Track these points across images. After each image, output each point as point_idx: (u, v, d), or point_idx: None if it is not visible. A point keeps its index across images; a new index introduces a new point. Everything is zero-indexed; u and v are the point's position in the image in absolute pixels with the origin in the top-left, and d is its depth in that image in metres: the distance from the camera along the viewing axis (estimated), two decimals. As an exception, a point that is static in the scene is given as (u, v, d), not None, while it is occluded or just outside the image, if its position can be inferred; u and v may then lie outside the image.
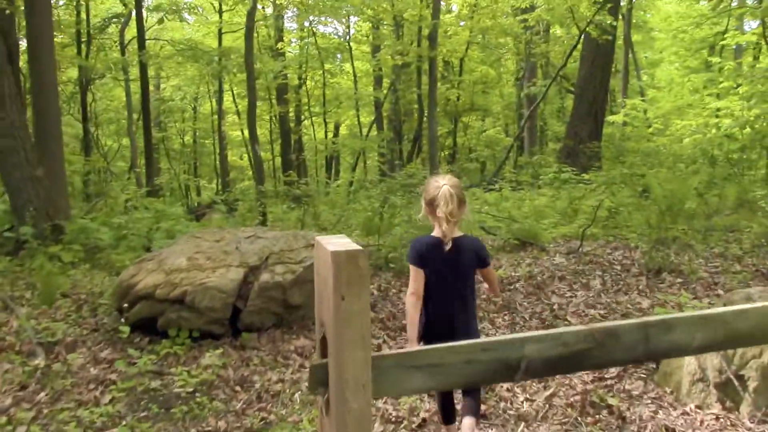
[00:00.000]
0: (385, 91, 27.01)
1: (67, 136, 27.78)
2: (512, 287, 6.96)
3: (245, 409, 4.39)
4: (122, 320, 5.56)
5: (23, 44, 20.06)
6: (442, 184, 3.40)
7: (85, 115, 21.69)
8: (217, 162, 31.70)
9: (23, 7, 9.15)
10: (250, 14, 13.36)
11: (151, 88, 34.52)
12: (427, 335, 3.48)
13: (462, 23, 25.92)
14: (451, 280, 3.45)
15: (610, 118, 21.78)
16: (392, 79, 25.73)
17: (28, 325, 5.63)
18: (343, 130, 35.40)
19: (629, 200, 10.89)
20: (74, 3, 21.45)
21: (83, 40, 21.47)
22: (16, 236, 8.03)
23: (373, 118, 28.96)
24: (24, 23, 9.13)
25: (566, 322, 5.85)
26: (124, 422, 4.21)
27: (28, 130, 8.45)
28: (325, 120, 31.40)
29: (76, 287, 6.94)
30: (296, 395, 4.59)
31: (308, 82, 31.01)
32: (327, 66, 30.10)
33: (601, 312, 6.10)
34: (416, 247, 3.49)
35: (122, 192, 12.40)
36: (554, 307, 6.31)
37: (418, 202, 3.64)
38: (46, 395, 4.60)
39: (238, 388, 4.69)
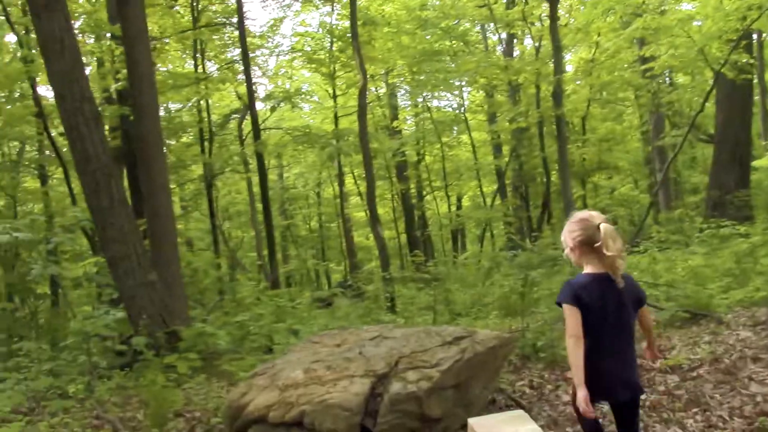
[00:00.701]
0: (506, 159, 26.09)
1: (199, 231, 28.51)
2: (695, 375, 5.71)
3: None
4: (236, 447, 4.79)
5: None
6: (598, 221, 3.38)
7: (211, 211, 21.90)
8: (343, 245, 31.48)
9: (131, 111, 8.97)
10: (362, 92, 12.94)
11: (274, 177, 35.34)
12: (600, 387, 3.33)
13: (578, 81, 24.90)
14: (623, 320, 3.40)
15: (755, 163, 19.93)
16: (513, 144, 24.80)
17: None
18: (465, 202, 34.65)
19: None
20: (197, 104, 21.98)
21: (206, 137, 21.85)
22: (131, 348, 7.52)
23: (496, 187, 28.03)
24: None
25: (778, 420, 4.58)
26: None
27: (140, 234, 8.03)
28: (447, 193, 30.72)
29: (191, 403, 6.26)
30: None
31: (427, 157, 30.63)
32: (444, 139, 29.62)
33: (824, 404, 4.79)
34: (569, 286, 3.42)
35: (245, 287, 11.90)
36: (757, 399, 5.03)
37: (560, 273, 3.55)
38: None
39: None
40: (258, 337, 8.84)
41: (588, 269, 3.43)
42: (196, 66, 21.30)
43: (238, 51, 20.52)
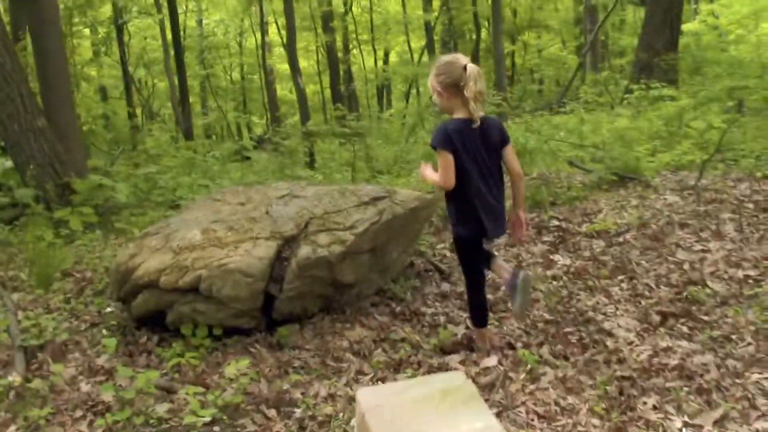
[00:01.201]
0: (436, 13, 25.07)
1: (113, 79, 26.86)
2: (622, 240, 5.45)
3: (282, 452, 3.09)
4: (124, 313, 4.31)
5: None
6: (464, 62, 3.42)
7: (123, 57, 20.47)
8: (265, 98, 30.30)
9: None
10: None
11: (192, 24, 33.29)
12: (472, 222, 3.52)
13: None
14: (487, 159, 3.50)
15: (684, 26, 19.61)
16: (443, -1, 23.80)
17: (8, 322, 4.40)
18: (393, 57, 33.67)
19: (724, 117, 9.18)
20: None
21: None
22: (17, 200, 6.82)
23: (424, 42, 27.12)
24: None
25: (707, 290, 4.36)
26: (113, 477, 2.95)
27: (24, 74, 7.11)
28: (374, 47, 29.68)
29: (82, 262, 5.69)
30: (353, 421, 3.27)
31: (354, 8, 29.21)
32: (373, -10, 28.23)
33: (752, 273, 4.58)
34: (443, 131, 3.46)
35: (155, 138, 11.11)
36: (684, 266, 4.80)
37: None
38: (17, 430, 3.36)
39: (273, 412, 3.37)
40: (165, 191, 8.22)
41: (458, 114, 3.48)
42: None
43: None
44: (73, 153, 7.58)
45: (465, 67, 3.39)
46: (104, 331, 4.36)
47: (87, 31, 25.55)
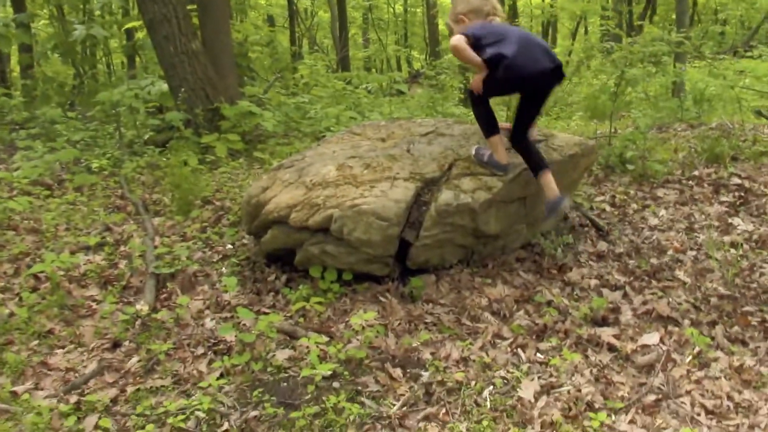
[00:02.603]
0: (610, -55, 23.32)
1: (279, 8, 27.25)
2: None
3: (404, 418, 2.77)
4: (256, 247, 4.13)
5: None
6: None
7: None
8: (427, 32, 29.71)
9: None
10: None
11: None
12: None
13: None
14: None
15: None
16: (621, -73, 21.98)
17: (144, 248, 4.35)
18: (560, -7, 31.96)
19: None
20: None
21: None
22: (166, 123, 6.83)
23: (596, -25, 25.43)
24: None
25: None
26: (224, 427, 2.76)
27: (183, -6, 7.04)
28: (541, -20, 28.14)
29: (223, 190, 5.59)
30: (486, 392, 2.90)
31: (521, -61, 27.80)
32: None
33: None
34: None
35: (311, 66, 10.96)
36: None
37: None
38: (139, 362, 3.26)
39: (398, 372, 3.07)
40: (314, 122, 8.04)
41: None
42: None
43: None
44: (226, 78, 7.50)
45: None
46: (228, 268, 4.20)
47: (256, -40, 25.91)
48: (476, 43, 3.66)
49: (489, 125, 3.89)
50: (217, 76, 7.26)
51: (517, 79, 3.68)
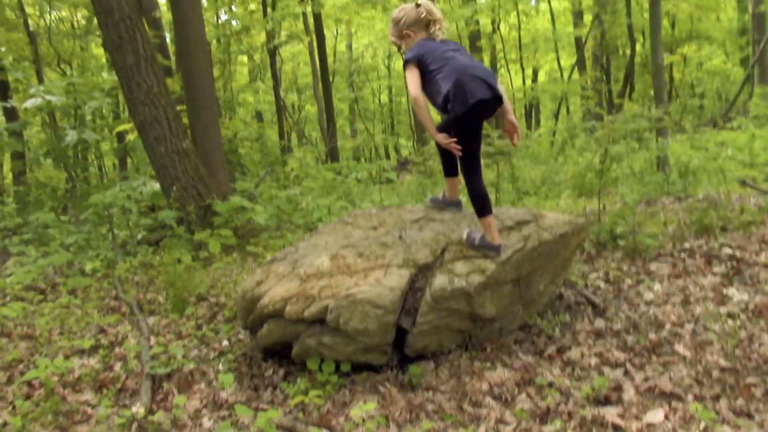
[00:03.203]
0: (586, 29, 24.12)
1: (267, 104, 27.83)
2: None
3: None
4: (252, 342, 4.10)
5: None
6: (418, 2, 3.95)
7: (275, 81, 21.08)
8: (412, 119, 30.35)
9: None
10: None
11: (342, 48, 34.05)
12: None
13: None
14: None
15: None
16: (595, 12, 22.78)
17: (139, 348, 4.31)
18: (541, 77, 32.84)
19: None
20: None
21: (269, 2, 20.66)
22: (159, 222, 6.87)
23: (574, 59, 26.20)
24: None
25: None
26: None
27: (170, 96, 7.20)
28: (522, 66, 28.98)
29: (217, 286, 5.59)
30: (491, 481, 2.83)
31: (502, 27, 28.70)
32: (521, 7, 27.59)
33: None
34: (419, 47, 3.93)
35: (299, 159, 11.13)
36: None
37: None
38: (136, 466, 3.19)
39: (401, 466, 3.01)
40: (306, 214, 8.11)
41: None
42: None
43: None
44: (217, 175, 7.61)
45: (417, 4, 3.94)
46: (224, 365, 4.15)
47: (244, 58, 26.64)
48: (424, 69, 3.84)
49: (483, 204, 3.91)
50: (208, 174, 7.36)
51: (466, 115, 3.77)
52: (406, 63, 3.86)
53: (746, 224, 5.80)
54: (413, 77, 3.82)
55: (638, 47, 23.12)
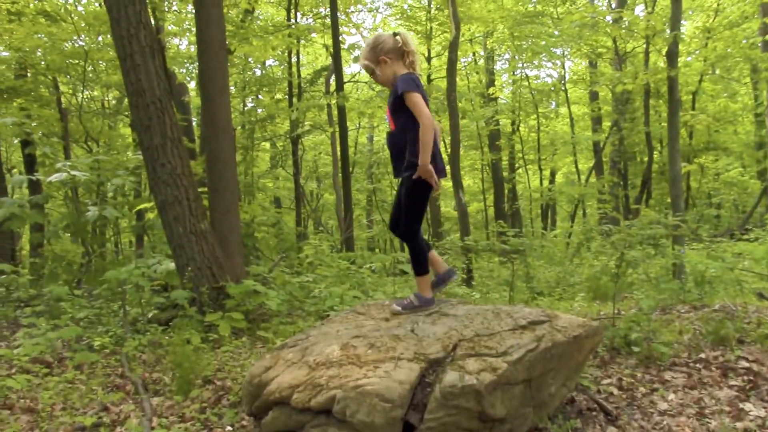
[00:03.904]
0: (605, 134, 24.51)
1: (286, 191, 28.21)
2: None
3: None
4: (256, 429, 4.02)
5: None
6: (396, 32, 4.26)
7: (296, 169, 21.45)
8: (428, 213, 30.58)
9: (196, 47, 8.24)
10: (453, 45, 11.89)
11: (363, 140, 34.69)
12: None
13: (690, 57, 23.02)
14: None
15: None
16: (614, 117, 23.18)
17: (141, 429, 4.23)
18: (559, 178, 33.16)
19: None
20: (287, 59, 21.39)
21: (295, 93, 21.24)
22: (171, 301, 6.87)
23: (592, 163, 26.52)
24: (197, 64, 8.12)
25: None
26: None
27: (193, 178, 7.33)
28: (540, 167, 29.32)
29: (224, 369, 5.53)
30: None
31: (522, 128, 29.22)
32: (541, 110, 28.15)
33: None
34: (409, 78, 4.09)
35: (314, 246, 11.18)
36: None
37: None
38: None
39: None
40: (318, 301, 8.10)
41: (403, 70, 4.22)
42: (288, 17, 20.58)
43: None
44: (232, 257, 7.64)
45: (395, 33, 4.21)
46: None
47: (267, 144, 27.19)
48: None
49: (425, 261, 4.41)
50: (223, 256, 7.40)
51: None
52: (411, 92, 4.01)
53: (764, 337, 5.70)
54: (423, 103, 4.02)
55: (656, 155, 23.40)
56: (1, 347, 6.05)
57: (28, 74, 16.59)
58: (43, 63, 15.84)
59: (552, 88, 27.80)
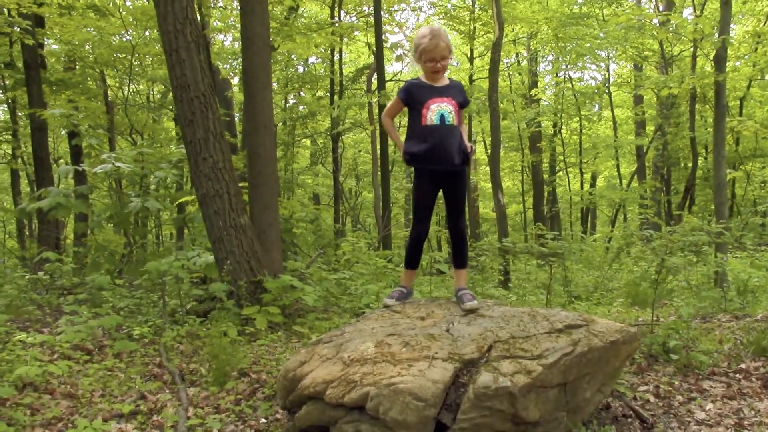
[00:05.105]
0: (648, 138, 24.16)
1: (326, 188, 28.38)
2: None
3: None
4: (290, 423, 4.05)
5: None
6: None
7: (336, 166, 21.58)
8: (468, 214, 30.45)
9: (240, 43, 8.33)
10: (496, 46, 11.83)
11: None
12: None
13: (738, 62, 22.60)
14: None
15: None
16: (659, 122, 22.84)
17: (177, 418, 4.30)
18: (600, 182, 32.77)
19: None
20: (329, 57, 21.52)
21: (336, 91, 21.36)
22: (209, 294, 6.96)
23: (634, 167, 26.18)
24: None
25: None
26: None
27: (235, 173, 7.41)
28: (581, 170, 28.98)
29: (260, 362, 5.58)
30: None
31: (563, 131, 28.93)
32: (584, 113, 27.83)
33: None
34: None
35: (351, 244, 11.22)
36: None
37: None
38: None
39: None
40: (354, 298, 8.14)
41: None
42: (332, 15, 20.68)
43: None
44: (270, 252, 7.71)
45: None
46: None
47: (307, 141, 27.37)
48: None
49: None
50: (262, 250, 7.47)
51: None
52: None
53: (807, 349, 5.59)
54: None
55: (701, 161, 23.04)
56: (44, 333, 6.19)
57: (77, 67, 16.95)
58: (91, 56, 16.17)
59: (596, 91, 27.47)
